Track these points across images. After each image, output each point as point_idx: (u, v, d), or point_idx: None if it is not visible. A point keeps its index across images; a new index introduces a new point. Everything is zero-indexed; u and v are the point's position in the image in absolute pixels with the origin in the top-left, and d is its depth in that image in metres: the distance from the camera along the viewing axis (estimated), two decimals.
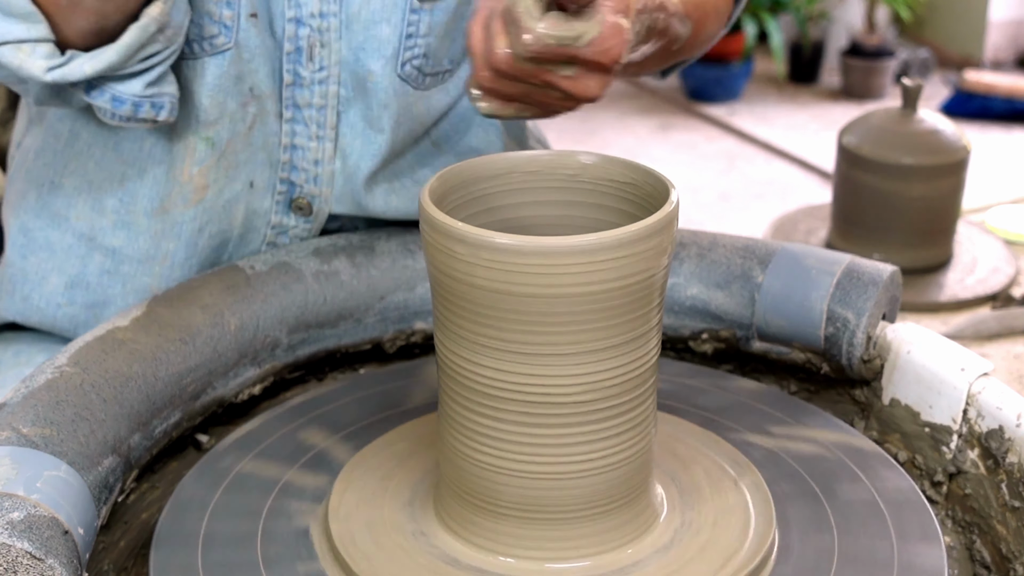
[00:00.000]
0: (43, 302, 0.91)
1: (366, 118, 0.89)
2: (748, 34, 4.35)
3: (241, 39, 0.84)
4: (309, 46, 0.85)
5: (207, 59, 0.84)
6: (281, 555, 0.68)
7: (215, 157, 0.87)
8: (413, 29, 0.87)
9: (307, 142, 0.89)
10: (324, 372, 0.93)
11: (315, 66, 0.86)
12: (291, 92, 0.87)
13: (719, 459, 0.74)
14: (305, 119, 0.88)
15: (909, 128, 1.55)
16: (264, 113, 0.87)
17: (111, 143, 0.88)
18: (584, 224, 0.71)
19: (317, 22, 0.85)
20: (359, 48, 0.86)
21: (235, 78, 0.85)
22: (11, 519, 0.59)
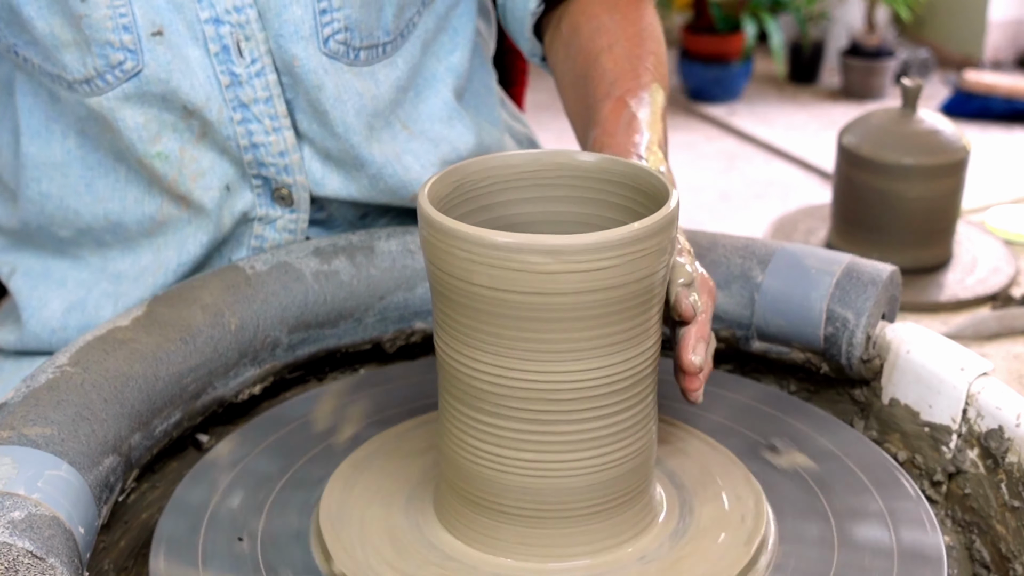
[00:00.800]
0: (39, 327, 0.92)
1: (309, 102, 0.88)
2: (748, 34, 4.36)
3: (149, 58, 0.83)
4: (235, 42, 0.84)
5: (123, 85, 0.84)
6: (280, 555, 0.68)
7: (175, 170, 0.87)
8: (326, 4, 0.86)
9: (265, 138, 0.88)
10: (324, 372, 0.93)
11: (246, 60, 0.85)
12: (233, 92, 0.86)
13: (718, 459, 0.74)
14: (256, 115, 0.87)
15: (909, 128, 1.55)
16: (208, 123, 0.86)
17: (81, 188, 0.89)
18: (584, 224, 0.71)
19: (234, 16, 0.84)
20: (279, 35, 0.85)
21: (160, 97, 0.84)
22: (12, 518, 0.60)
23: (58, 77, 0.84)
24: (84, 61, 0.83)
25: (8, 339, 0.94)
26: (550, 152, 0.71)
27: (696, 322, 0.70)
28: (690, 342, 0.70)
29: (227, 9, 0.84)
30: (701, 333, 0.70)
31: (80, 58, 0.83)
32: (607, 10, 0.93)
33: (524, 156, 0.71)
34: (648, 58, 0.88)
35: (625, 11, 0.93)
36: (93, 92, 0.84)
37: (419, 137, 0.95)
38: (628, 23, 0.91)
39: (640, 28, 0.91)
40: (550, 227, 0.72)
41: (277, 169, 0.89)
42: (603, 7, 0.94)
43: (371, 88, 0.91)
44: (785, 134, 4.16)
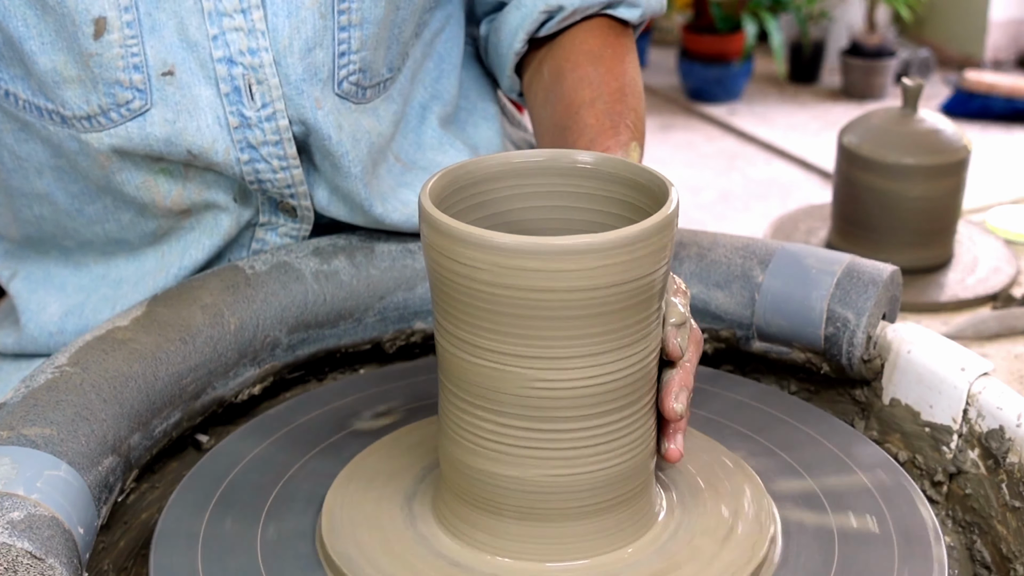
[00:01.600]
0: (37, 331, 0.92)
1: (324, 147, 0.87)
2: (748, 34, 4.36)
3: (157, 98, 0.81)
4: (247, 85, 0.82)
5: (128, 123, 0.82)
6: (280, 556, 0.68)
7: (179, 185, 0.86)
8: (345, 47, 0.85)
9: (272, 175, 0.86)
10: (324, 372, 0.93)
11: (257, 104, 0.83)
12: (242, 134, 0.84)
13: (718, 459, 0.74)
14: (263, 156, 0.85)
15: (909, 128, 1.55)
16: (214, 164, 0.84)
17: (73, 213, 0.88)
18: (584, 224, 0.71)
19: (248, 59, 0.82)
20: (299, 80, 0.84)
21: (164, 140, 0.82)
22: (11, 519, 0.60)
23: (52, 112, 0.82)
24: (87, 99, 0.81)
25: (6, 341, 0.94)
26: (550, 152, 0.71)
27: (681, 368, 0.69)
28: (673, 388, 0.68)
29: (241, 50, 0.82)
30: (684, 381, 0.69)
31: (83, 95, 0.81)
32: (591, 61, 0.94)
33: (524, 156, 0.71)
34: (628, 115, 0.89)
35: (610, 64, 0.94)
36: (92, 129, 0.82)
37: (412, 168, 0.95)
38: (612, 77, 0.92)
39: (623, 83, 0.92)
40: (550, 227, 0.72)
41: (283, 196, 0.89)
42: (587, 58, 0.94)
43: (375, 125, 0.90)
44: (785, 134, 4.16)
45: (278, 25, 0.82)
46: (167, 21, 0.80)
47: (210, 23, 0.81)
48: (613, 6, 0.97)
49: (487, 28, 1.01)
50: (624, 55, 0.96)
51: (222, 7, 0.81)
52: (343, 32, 0.85)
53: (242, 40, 0.82)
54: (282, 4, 0.82)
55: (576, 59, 0.94)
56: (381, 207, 0.90)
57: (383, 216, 0.90)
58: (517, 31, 0.96)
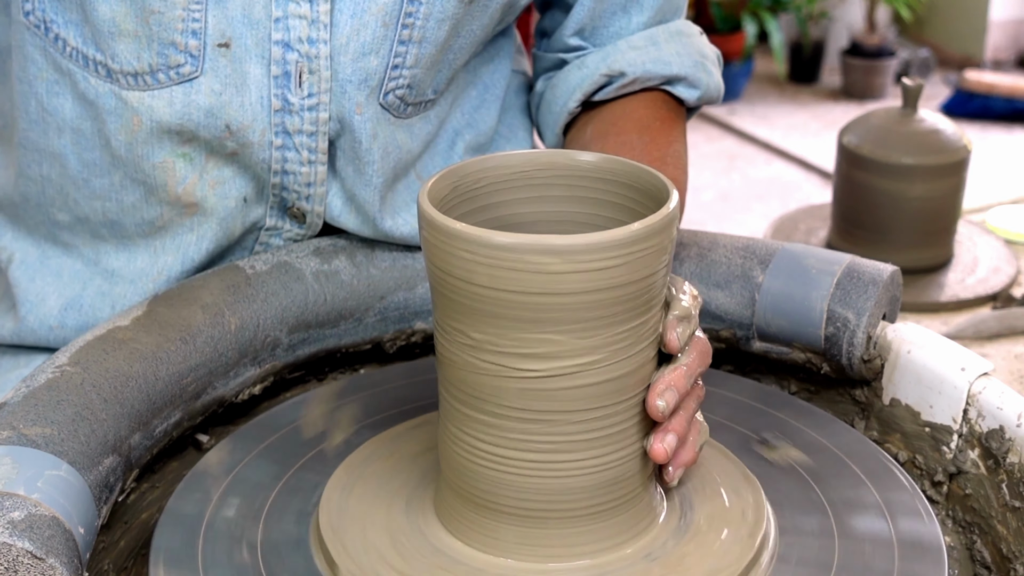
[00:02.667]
0: (36, 323, 0.91)
1: (354, 150, 0.87)
2: (748, 34, 4.36)
3: (208, 67, 0.82)
4: (298, 71, 0.83)
5: (174, 87, 0.82)
6: (280, 556, 0.68)
7: (196, 173, 0.86)
8: (400, 60, 0.86)
9: (298, 167, 0.87)
10: (324, 372, 0.93)
11: (303, 92, 0.84)
12: (280, 118, 0.84)
13: (718, 459, 0.74)
14: (296, 145, 0.86)
15: (909, 128, 1.55)
16: (246, 144, 0.85)
17: (79, 181, 0.88)
18: (584, 224, 0.71)
19: (305, 47, 0.83)
20: (346, 80, 0.84)
21: (205, 111, 0.83)
22: (12, 518, 0.60)
23: (99, 64, 0.82)
24: (139, 55, 0.81)
25: (2, 330, 0.94)
26: (550, 152, 0.71)
27: (676, 368, 0.66)
28: (659, 386, 0.65)
29: (300, 38, 0.82)
30: (674, 381, 0.65)
31: (136, 51, 0.81)
32: (638, 129, 0.93)
33: (524, 156, 0.71)
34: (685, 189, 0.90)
35: (655, 134, 0.93)
36: (137, 87, 0.82)
37: None
38: (655, 147, 0.92)
39: (665, 154, 0.92)
40: (550, 227, 0.72)
41: (299, 196, 0.89)
42: (634, 125, 0.94)
43: (408, 142, 0.91)
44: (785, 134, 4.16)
45: (342, 22, 0.83)
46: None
47: (275, 5, 0.82)
48: (673, 83, 0.97)
49: (544, 85, 1.01)
50: (672, 129, 0.95)
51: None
52: (401, 46, 0.85)
53: (304, 28, 0.82)
54: (349, 3, 0.83)
55: (623, 125, 0.94)
56: (391, 221, 0.91)
57: (392, 230, 0.91)
58: (574, 91, 0.96)
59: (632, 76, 0.95)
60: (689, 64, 0.97)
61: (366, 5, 0.83)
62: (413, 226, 0.92)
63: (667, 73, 0.96)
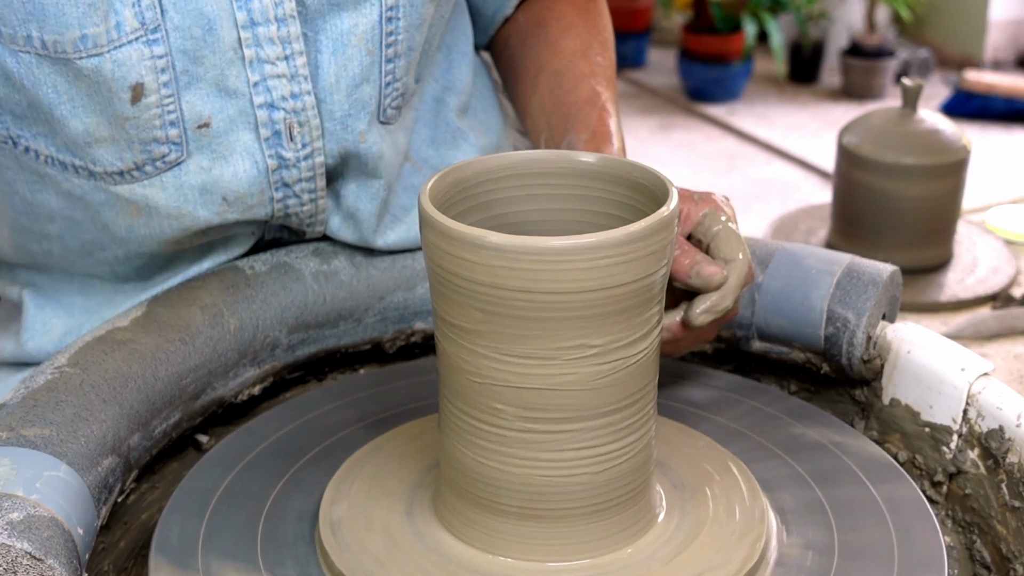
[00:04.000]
0: (35, 349, 0.90)
1: (360, 170, 0.87)
2: (748, 34, 4.36)
3: (193, 148, 0.80)
4: (287, 128, 0.82)
5: (164, 175, 0.81)
6: (280, 556, 0.68)
7: (204, 231, 0.85)
8: (391, 77, 0.85)
9: (299, 208, 0.87)
10: (324, 372, 0.93)
11: (297, 145, 0.83)
12: (279, 175, 0.84)
13: (717, 459, 0.74)
14: (296, 192, 0.85)
15: (909, 128, 1.55)
16: (248, 208, 0.84)
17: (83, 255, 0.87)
18: (584, 224, 0.71)
19: (290, 103, 0.81)
20: (345, 116, 0.84)
21: (199, 190, 0.82)
22: (11, 519, 0.59)
23: (79, 168, 0.80)
24: (121, 156, 0.79)
25: (3, 351, 0.93)
26: (550, 152, 0.71)
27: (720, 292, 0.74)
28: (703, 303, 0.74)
29: (283, 96, 0.81)
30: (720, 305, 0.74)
31: (116, 153, 0.79)
32: (576, 11, 0.97)
33: (524, 156, 0.71)
34: (612, 68, 0.94)
35: (594, 18, 0.98)
36: (124, 182, 0.81)
37: (423, 168, 0.95)
38: (596, 27, 0.96)
39: (605, 36, 0.97)
40: (550, 227, 0.72)
41: (300, 223, 0.89)
42: (572, 7, 0.97)
43: (402, 139, 0.91)
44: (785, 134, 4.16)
45: (322, 63, 0.82)
46: (204, 74, 0.78)
47: (251, 71, 0.80)
48: None
49: None
50: (602, 9, 1.00)
51: (264, 55, 0.79)
52: (389, 64, 0.85)
53: (284, 86, 0.81)
54: (327, 43, 0.82)
55: (560, 9, 0.97)
56: (382, 240, 0.91)
57: (384, 244, 0.91)
58: None
59: None
60: None
61: (347, 39, 0.82)
62: (404, 236, 0.92)
63: None
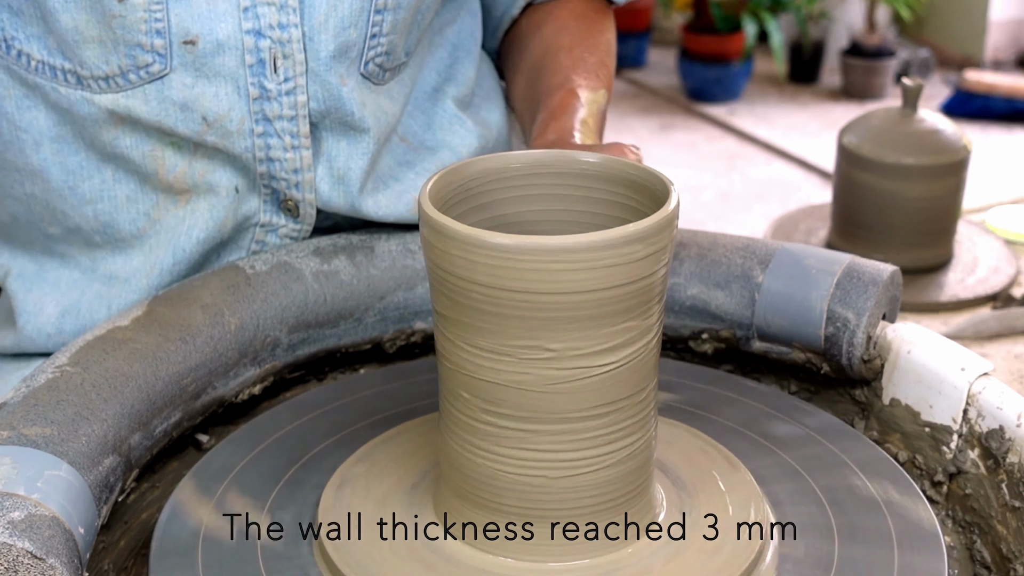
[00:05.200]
0: (35, 332, 0.91)
1: (346, 122, 0.89)
2: (748, 34, 4.36)
3: (177, 64, 0.82)
4: (272, 57, 0.84)
5: (146, 86, 0.83)
6: (280, 555, 0.68)
7: (186, 161, 0.87)
8: (377, 29, 0.88)
9: (283, 154, 0.88)
10: (324, 372, 0.93)
11: (280, 78, 0.85)
12: (259, 106, 0.85)
13: (718, 459, 0.74)
14: (277, 131, 0.86)
15: (909, 128, 1.55)
16: (226, 133, 0.86)
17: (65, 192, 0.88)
18: (584, 224, 0.71)
19: (277, 33, 0.84)
20: (329, 57, 0.86)
21: (180, 106, 0.84)
22: (12, 518, 0.60)
23: (68, 72, 0.83)
24: (107, 59, 0.82)
25: (4, 342, 0.94)
26: (550, 152, 0.71)
27: None
28: None
29: (271, 24, 0.83)
30: None
31: (103, 55, 0.82)
32: (574, 17, 1.01)
33: (524, 156, 0.71)
34: (602, 69, 0.96)
35: (590, 22, 1.01)
36: (110, 89, 0.83)
37: (419, 149, 0.96)
38: (590, 33, 0.99)
39: (599, 41, 1.00)
40: (550, 227, 0.72)
41: (288, 184, 0.89)
42: (571, 14, 1.01)
43: (391, 107, 0.92)
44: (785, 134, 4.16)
45: (315, 2, 0.84)
46: None
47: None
48: None
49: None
50: (604, 19, 1.03)
51: None
52: (377, 15, 0.87)
53: (273, 14, 0.83)
54: None
55: (559, 14, 1.01)
56: (377, 196, 0.92)
57: (374, 209, 0.92)
58: None
59: None
60: None
61: None
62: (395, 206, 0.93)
63: None
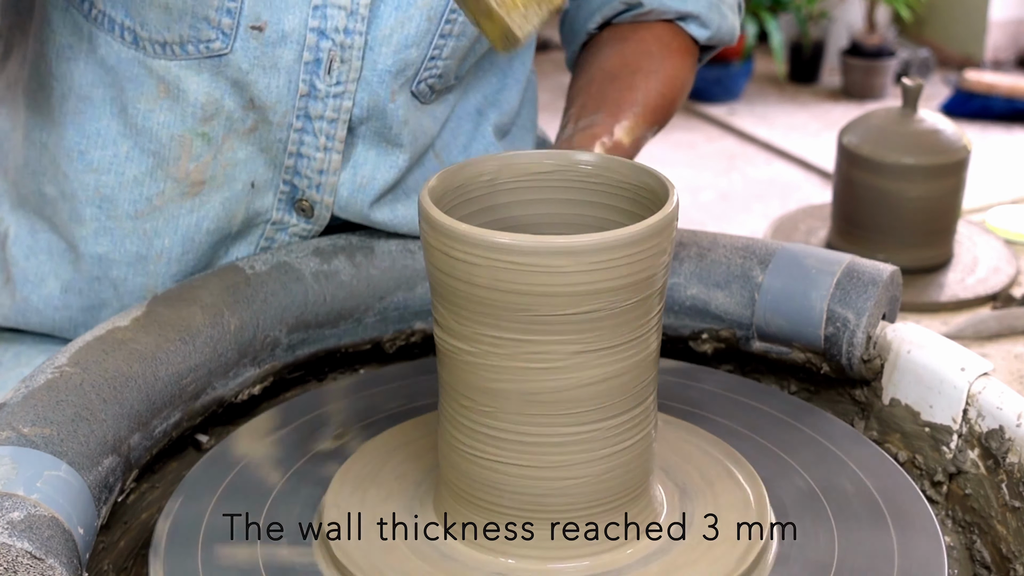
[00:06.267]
0: (41, 303, 0.92)
1: (383, 135, 0.89)
2: (748, 34, 4.36)
3: (239, 47, 0.83)
4: (329, 59, 0.84)
5: (202, 60, 0.83)
6: (280, 555, 0.68)
7: (212, 153, 0.87)
8: (437, 52, 0.88)
9: (314, 152, 0.88)
10: (324, 372, 0.93)
11: (332, 80, 0.85)
12: (304, 103, 0.86)
13: (718, 459, 0.74)
14: (315, 130, 0.87)
15: (909, 128, 1.55)
16: (266, 122, 0.86)
17: (74, 154, 0.87)
18: (584, 224, 0.71)
19: (340, 37, 0.84)
20: (385, 70, 0.86)
21: (232, 83, 0.84)
22: (11, 519, 0.59)
23: (127, 29, 0.83)
24: (169, 26, 0.82)
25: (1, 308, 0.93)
26: (551, 153, 0.71)
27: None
28: None
29: (336, 27, 0.84)
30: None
31: (167, 21, 0.82)
32: (659, 44, 0.99)
33: (525, 156, 0.71)
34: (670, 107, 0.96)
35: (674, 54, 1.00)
36: (165, 56, 0.83)
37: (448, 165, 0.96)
38: (671, 65, 0.98)
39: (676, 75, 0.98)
40: (550, 227, 0.72)
41: (310, 183, 0.90)
42: (656, 41, 1.00)
43: (430, 125, 0.93)
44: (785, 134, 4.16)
45: (384, 14, 0.85)
46: None
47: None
48: (686, 19, 1.01)
49: (571, 3, 1.06)
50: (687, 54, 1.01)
51: None
52: (441, 39, 0.88)
53: (341, 18, 0.84)
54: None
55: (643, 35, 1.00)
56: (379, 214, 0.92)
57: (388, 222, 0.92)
58: (594, 14, 1.03)
59: (648, 7, 1.00)
60: (704, 4, 1.01)
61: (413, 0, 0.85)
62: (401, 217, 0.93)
63: (681, 9, 1.00)
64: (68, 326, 0.92)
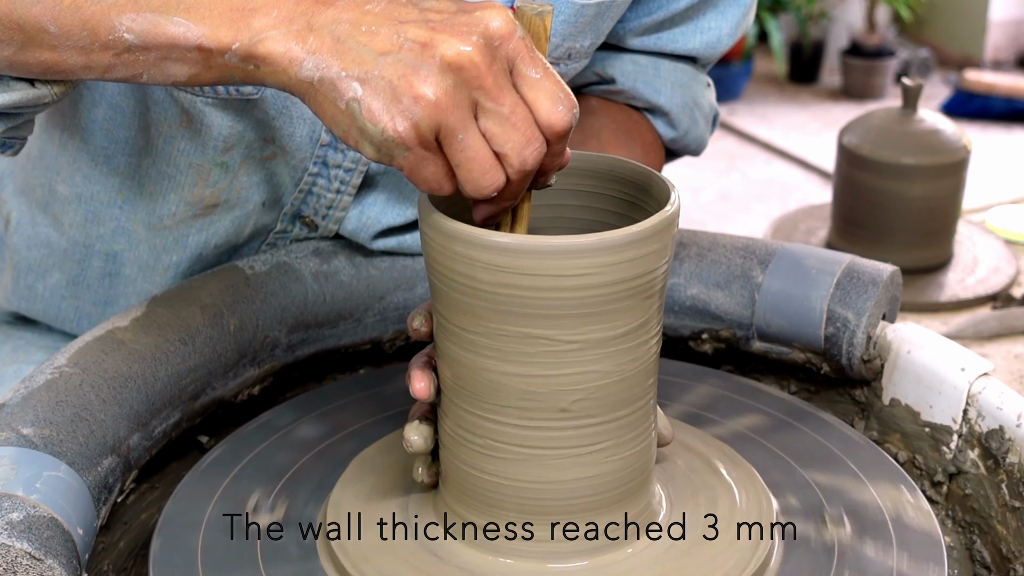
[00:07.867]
0: (47, 292, 0.92)
1: (399, 188, 0.90)
2: (748, 34, 4.36)
3: (269, 95, 0.82)
4: None
5: (229, 101, 0.82)
6: (280, 555, 0.68)
7: (228, 180, 0.87)
8: None
9: (325, 192, 0.88)
10: (324, 372, 0.93)
11: None
12: (324, 152, 0.86)
13: (718, 459, 0.74)
14: (330, 176, 0.87)
15: (909, 128, 1.55)
16: (284, 153, 0.86)
17: (101, 158, 0.87)
18: (585, 224, 0.71)
19: None
20: None
21: (256, 121, 0.84)
22: (11, 519, 0.59)
23: None
24: None
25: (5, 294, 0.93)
26: None
27: None
28: None
29: None
30: None
31: None
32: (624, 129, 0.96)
33: None
34: None
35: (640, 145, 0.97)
36: (191, 92, 0.82)
37: None
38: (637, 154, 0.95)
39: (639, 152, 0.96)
40: (551, 228, 0.72)
41: (316, 213, 0.90)
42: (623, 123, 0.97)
43: None
44: (785, 134, 4.16)
45: None
46: None
47: None
48: (655, 113, 0.99)
49: None
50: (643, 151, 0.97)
51: None
52: None
53: None
54: None
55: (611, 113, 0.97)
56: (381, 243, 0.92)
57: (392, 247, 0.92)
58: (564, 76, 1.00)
59: (620, 87, 0.97)
60: (678, 104, 0.98)
61: None
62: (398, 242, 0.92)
63: (652, 100, 0.97)
64: (74, 316, 0.93)
